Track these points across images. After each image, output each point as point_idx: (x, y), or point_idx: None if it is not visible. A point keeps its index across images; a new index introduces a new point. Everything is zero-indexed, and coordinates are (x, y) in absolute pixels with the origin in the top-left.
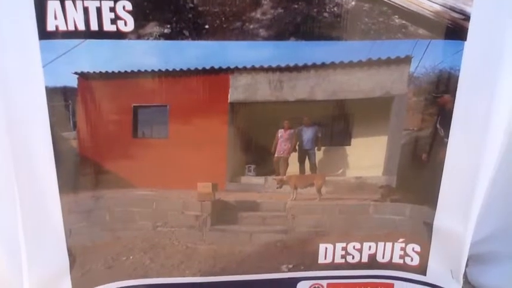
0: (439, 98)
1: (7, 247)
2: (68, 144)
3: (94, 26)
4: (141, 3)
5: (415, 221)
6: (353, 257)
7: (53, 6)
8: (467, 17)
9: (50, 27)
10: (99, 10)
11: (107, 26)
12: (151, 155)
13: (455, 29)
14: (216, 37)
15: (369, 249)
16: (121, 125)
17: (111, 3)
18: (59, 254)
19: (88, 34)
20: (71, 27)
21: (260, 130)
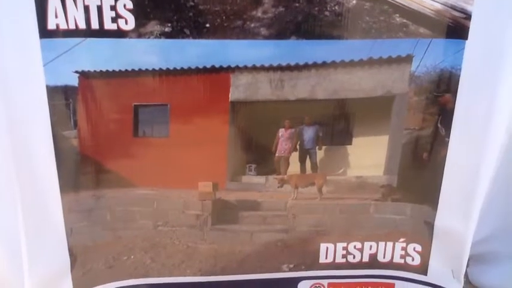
0: (440, 97)
1: (8, 246)
2: (69, 143)
3: (95, 25)
4: (142, 1)
5: (416, 221)
6: (354, 257)
7: (54, 4)
8: (468, 16)
9: (51, 25)
10: (99, 8)
11: (108, 25)
12: (152, 154)
13: (456, 28)
14: (217, 36)
15: (370, 248)
16: (122, 124)
17: (112, 1)
18: (60, 254)
19: (89, 33)
20: (72, 25)
21: (261, 129)
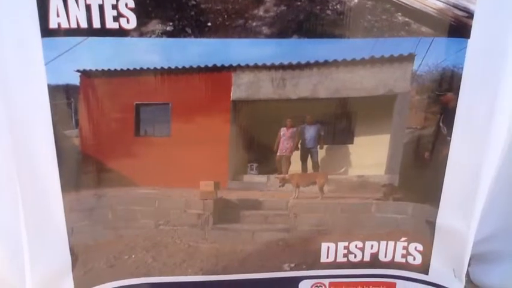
0: (442, 96)
1: (9, 246)
2: (70, 142)
3: (96, 24)
4: (144, 0)
5: (418, 220)
6: (355, 256)
7: (55, 3)
8: (470, 15)
9: (52, 24)
10: (101, 7)
11: (109, 24)
12: (153, 154)
13: (458, 27)
14: (219, 35)
15: (371, 248)
16: (123, 123)
17: (113, 0)
18: (61, 253)
19: (90, 32)
20: (73, 24)
21: (262, 128)
